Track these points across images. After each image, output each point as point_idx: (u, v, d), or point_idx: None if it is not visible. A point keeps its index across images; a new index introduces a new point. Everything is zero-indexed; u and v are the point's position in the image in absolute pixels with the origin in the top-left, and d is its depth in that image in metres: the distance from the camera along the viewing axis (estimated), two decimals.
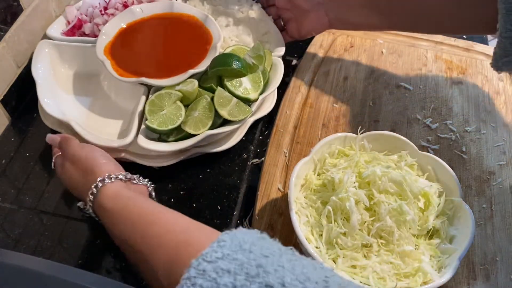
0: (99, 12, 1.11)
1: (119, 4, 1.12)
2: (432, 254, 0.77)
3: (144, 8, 1.08)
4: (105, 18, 1.09)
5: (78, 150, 0.82)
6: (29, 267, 0.68)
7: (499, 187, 0.94)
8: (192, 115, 0.92)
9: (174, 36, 1.06)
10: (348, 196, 0.77)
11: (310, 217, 0.81)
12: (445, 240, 0.78)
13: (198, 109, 0.92)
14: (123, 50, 1.02)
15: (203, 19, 1.07)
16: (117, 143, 0.90)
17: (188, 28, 1.06)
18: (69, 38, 1.08)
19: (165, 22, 1.08)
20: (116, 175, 0.77)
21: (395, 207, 0.77)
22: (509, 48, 0.85)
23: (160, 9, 1.09)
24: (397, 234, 0.76)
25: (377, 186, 0.79)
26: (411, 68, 1.17)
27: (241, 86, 0.96)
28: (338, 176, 0.81)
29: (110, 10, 1.10)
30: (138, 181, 0.81)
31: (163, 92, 0.94)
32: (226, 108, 0.92)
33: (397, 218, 0.77)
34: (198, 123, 0.91)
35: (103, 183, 0.75)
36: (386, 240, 0.77)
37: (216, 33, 1.04)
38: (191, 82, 0.95)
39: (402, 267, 0.75)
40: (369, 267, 0.74)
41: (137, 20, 1.07)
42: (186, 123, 0.91)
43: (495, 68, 0.90)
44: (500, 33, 0.85)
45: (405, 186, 0.79)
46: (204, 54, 1.00)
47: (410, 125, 1.05)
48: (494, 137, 1.02)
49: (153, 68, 1.00)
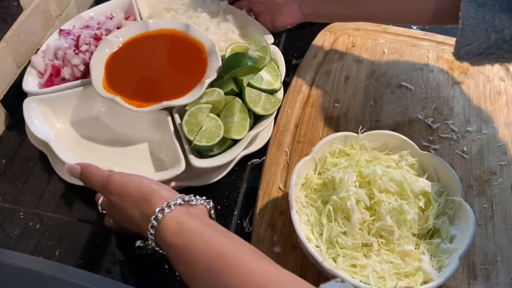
0: (73, 52, 1.04)
1: (89, 39, 1.06)
2: (433, 253, 0.77)
3: (120, 34, 1.05)
4: (81, 57, 1.04)
5: (124, 183, 0.74)
6: (29, 267, 0.69)
7: (500, 187, 0.95)
8: (231, 122, 0.94)
9: (165, 53, 1.06)
10: (348, 196, 0.78)
11: (311, 216, 0.81)
12: (446, 240, 0.79)
13: (235, 114, 0.94)
14: (124, 82, 0.99)
15: (185, 29, 1.06)
16: (171, 173, 0.88)
17: (175, 42, 1.06)
18: (54, 88, 1.01)
19: (149, 41, 1.06)
20: (175, 201, 0.71)
21: (396, 206, 0.77)
22: (470, 36, 0.88)
23: (136, 30, 1.07)
24: (397, 234, 0.77)
25: (377, 186, 0.80)
26: (412, 68, 1.18)
27: (263, 80, 0.99)
28: (339, 175, 0.82)
29: (83, 47, 1.05)
30: (196, 201, 0.75)
31: (194, 110, 0.93)
32: (259, 104, 0.96)
33: (398, 217, 0.78)
34: (239, 127, 0.93)
35: (162, 213, 0.69)
36: (387, 240, 0.77)
37: (204, 39, 1.04)
38: (213, 91, 0.96)
39: (402, 267, 0.75)
40: (369, 267, 0.75)
41: (119, 48, 1.04)
42: (230, 131, 0.93)
43: (457, 57, 0.93)
44: (463, 20, 0.88)
45: (405, 186, 0.80)
46: (203, 62, 1.01)
47: (411, 124, 1.05)
48: (495, 137, 1.03)
49: (167, 90, 0.98)
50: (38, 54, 1.06)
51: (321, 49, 1.22)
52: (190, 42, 1.05)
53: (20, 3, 1.03)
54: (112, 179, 0.75)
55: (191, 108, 0.93)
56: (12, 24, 1.02)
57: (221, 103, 0.96)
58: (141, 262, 0.86)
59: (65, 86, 1.01)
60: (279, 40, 1.25)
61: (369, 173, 0.81)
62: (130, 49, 1.04)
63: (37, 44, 1.11)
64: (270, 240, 0.87)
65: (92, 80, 0.96)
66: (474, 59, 0.92)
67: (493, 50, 0.88)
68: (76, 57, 1.03)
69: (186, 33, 1.06)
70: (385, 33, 1.26)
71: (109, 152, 0.98)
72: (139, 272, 0.85)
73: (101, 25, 1.11)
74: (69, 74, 1.03)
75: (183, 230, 0.68)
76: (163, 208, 0.69)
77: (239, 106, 0.95)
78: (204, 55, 1.02)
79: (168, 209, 0.69)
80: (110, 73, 0.99)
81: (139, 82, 1.00)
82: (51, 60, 1.06)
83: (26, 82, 1.02)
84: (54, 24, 1.18)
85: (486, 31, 0.86)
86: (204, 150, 0.91)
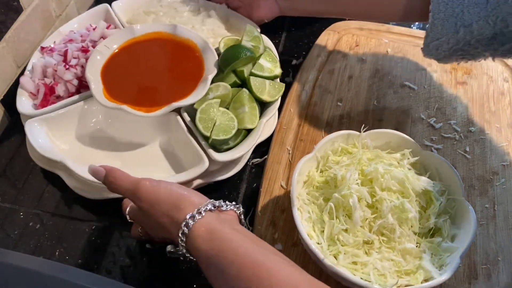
0: (63, 68, 1.01)
1: (76, 52, 1.04)
2: (434, 252, 0.77)
3: (108, 42, 1.04)
4: (73, 72, 1.01)
5: (154, 189, 0.73)
6: (29, 267, 0.69)
7: (502, 187, 0.95)
8: (242, 112, 0.96)
9: (159, 56, 1.06)
10: (350, 193, 0.79)
11: (312, 214, 0.82)
12: (447, 239, 0.79)
13: (245, 104, 0.96)
14: (124, 90, 0.98)
15: (172, 30, 1.07)
16: (195, 172, 0.89)
17: (165, 44, 1.06)
18: (53, 106, 0.98)
19: (139, 47, 1.06)
20: (205, 207, 0.70)
21: (397, 204, 0.78)
22: (440, 30, 0.90)
23: (124, 37, 1.06)
24: (398, 232, 0.77)
25: (379, 184, 0.81)
26: (416, 68, 1.18)
27: (264, 68, 1.02)
28: (341, 173, 0.82)
29: (72, 62, 1.02)
30: (226, 206, 0.74)
31: (204, 106, 0.94)
32: (265, 92, 1.00)
33: (399, 215, 0.78)
34: (251, 116, 0.96)
35: (193, 220, 0.68)
36: (388, 238, 0.78)
37: (194, 37, 1.05)
38: (218, 86, 0.98)
39: (403, 264, 0.76)
40: (370, 264, 0.75)
41: (110, 57, 1.03)
42: (243, 121, 0.95)
43: (425, 52, 0.95)
44: (433, 14, 0.89)
45: (407, 184, 0.80)
46: (199, 60, 1.02)
47: (414, 124, 1.06)
48: (498, 137, 1.03)
49: (170, 92, 0.98)
50: (25, 75, 1.03)
51: (325, 49, 1.22)
52: (180, 42, 1.05)
53: (20, 3, 1.04)
54: (140, 185, 0.73)
55: (201, 105, 0.94)
56: (12, 24, 1.03)
57: (228, 96, 0.98)
58: (141, 262, 0.86)
59: (64, 103, 0.99)
60: (279, 40, 1.26)
61: (371, 171, 0.82)
62: (122, 57, 1.04)
63: (37, 44, 1.11)
64: (272, 238, 0.88)
65: (93, 92, 0.95)
66: (442, 54, 0.93)
67: (461, 46, 0.90)
68: (68, 72, 1.01)
69: (175, 34, 1.06)
70: (388, 32, 1.27)
71: (121, 163, 0.97)
72: (139, 272, 0.86)
73: (84, 37, 1.10)
74: (63, 91, 1.01)
75: (213, 237, 0.67)
76: (193, 215, 0.69)
77: (247, 96, 0.97)
78: (197, 53, 1.03)
79: (198, 216, 0.69)
80: (108, 83, 0.98)
81: (141, 88, 1.00)
82: (41, 79, 1.03)
83: (20, 104, 0.99)
84: (54, 24, 1.19)
85: (455, 25, 0.88)
86: (221, 144, 0.93)
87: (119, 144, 1.00)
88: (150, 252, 0.87)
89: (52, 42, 1.10)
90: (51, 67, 1.02)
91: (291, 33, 1.28)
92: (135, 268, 0.86)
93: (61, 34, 1.12)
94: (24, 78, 1.02)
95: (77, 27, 1.15)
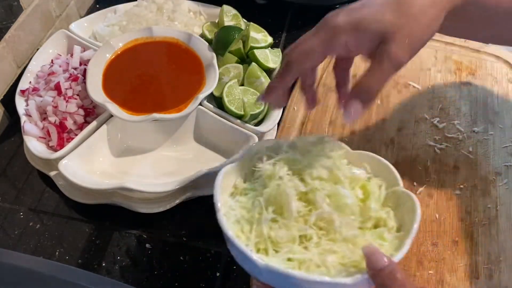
0: (64, 102, 0.98)
1: (66, 83, 1.01)
2: (379, 241, 0.70)
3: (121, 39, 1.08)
4: (74, 102, 0.99)
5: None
6: (29, 267, 0.71)
7: (505, 188, 0.97)
8: (260, 84, 1.05)
9: (164, 62, 1.07)
10: (283, 183, 0.71)
11: (241, 217, 0.71)
12: (392, 230, 0.72)
13: (261, 76, 1.06)
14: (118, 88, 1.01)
15: (187, 39, 1.08)
16: (246, 150, 0.80)
17: (153, 46, 1.08)
18: (76, 141, 0.95)
19: (131, 55, 1.07)
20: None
21: (332, 190, 0.71)
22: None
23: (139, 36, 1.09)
24: (338, 221, 0.69)
25: (308, 173, 0.73)
26: (420, 68, 1.20)
27: (258, 40, 1.12)
28: (269, 167, 0.74)
29: (68, 92, 1.00)
30: None
31: (227, 90, 1.01)
32: (269, 60, 1.10)
33: (336, 204, 0.71)
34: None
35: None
36: (327, 231, 0.69)
37: (203, 51, 1.07)
38: (227, 68, 1.05)
39: (348, 256, 0.67)
40: (308, 260, 0.66)
41: (105, 68, 1.03)
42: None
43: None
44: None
45: (336, 171, 0.74)
46: (200, 75, 1.03)
47: (418, 124, 1.08)
48: (501, 138, 1.06)
49: (159, 101, 1.00)
50: (27, 122, 0.98)
51: None
52: (190, 53, 1.07)
53: (20, 3, 1.06)
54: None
55: (223, 89, 1.00)
56: (12, 24, 1.05)
57: (241, 75, 1.05)
58: (141, 262, 0.88)
59: (87, 133, 0.97)
60: (279, 40, 1.27)
61: (298, 159, 0.75)
62: (117, 66, 1.05)
63: (37, 44, 1.14)
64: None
65: (87, 84, 0.98)
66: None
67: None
68: (70, 105, 0.98)
69: (188, 43, 1.08)
70: None
71: (172, 168, 1.00)
72: (139, 272, 0.87)
73: (64, 67, 1.07)
74: (72, 124, 0.98)
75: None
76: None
77: (258, 69, 1.05)
78: (189, 48, 1.08)
79: None
80: (120, 100, 0.98)
81: (134, 89, 1.02)
82: (43, 121, 0.99)
83: (38, 151, 0.94)
84: (54, 24, 1.21)
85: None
86: (254, 119, 1.02)
87: (150, 152, 1.02)
88: (150, 252, 0.89)
89: (27, 83, 1.05)
90: (50, 105, 0.99)
91: (291, 33, 1.30)
92: (135, 268, 0.88)
93: (32, 73, 1.07)
94: (27, 125, 0.97)
95: (42, 61, 1.09)
